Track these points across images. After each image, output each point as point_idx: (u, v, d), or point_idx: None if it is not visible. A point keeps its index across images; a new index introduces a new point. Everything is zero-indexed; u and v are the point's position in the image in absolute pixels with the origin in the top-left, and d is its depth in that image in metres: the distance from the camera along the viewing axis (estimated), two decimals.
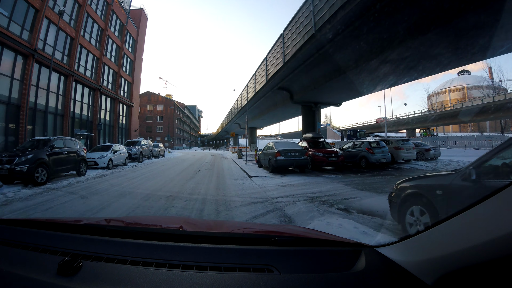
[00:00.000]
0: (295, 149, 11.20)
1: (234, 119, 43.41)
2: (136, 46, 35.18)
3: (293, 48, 13.96)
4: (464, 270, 0.74)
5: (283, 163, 10.82)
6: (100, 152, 14.47)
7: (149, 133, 64.79)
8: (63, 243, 1.10)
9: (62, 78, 20.28)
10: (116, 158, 15.13)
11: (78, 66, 21.96)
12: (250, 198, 6.16)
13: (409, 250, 0.95)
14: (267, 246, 1.10)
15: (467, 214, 0.74)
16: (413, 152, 15.54)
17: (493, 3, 8.24)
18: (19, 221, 1.41)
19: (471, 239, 0.70)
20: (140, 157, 19.13)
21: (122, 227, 1.35)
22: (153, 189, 7.37)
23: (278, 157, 10.70)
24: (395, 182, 3.82)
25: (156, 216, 4.23)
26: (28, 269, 0.91)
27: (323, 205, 5.29)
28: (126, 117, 33.20)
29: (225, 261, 0.99)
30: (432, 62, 13.43)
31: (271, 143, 12.40)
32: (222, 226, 1.85)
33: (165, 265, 0.94)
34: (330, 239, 1.27)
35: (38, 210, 5.23)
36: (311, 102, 20.62)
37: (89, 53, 23.91)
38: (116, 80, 29.94)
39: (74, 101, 21.95)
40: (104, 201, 5.89)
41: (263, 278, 0.88)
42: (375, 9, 9.34)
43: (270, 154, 11.44)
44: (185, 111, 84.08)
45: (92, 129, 24.80)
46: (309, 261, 1.01)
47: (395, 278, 0.91)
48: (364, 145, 13.75)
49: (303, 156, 11.06)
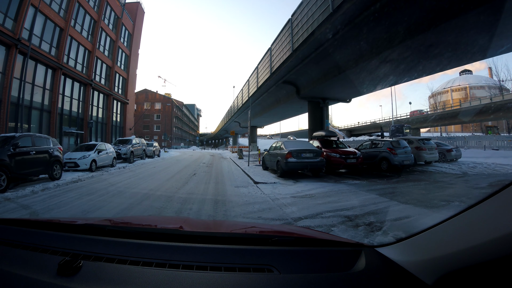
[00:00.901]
0: (309, 149, 9.43)
1: (234, 117, 41.50)
2: (132, 41, 33.65)
3: (304, 33, 12.14)
4: (464, 270, 0.73)
5: (295, 166, 9.06)
6: (83, 152, 12.70)
7: (146, 132, 63.58)
8: (63, 243, 1.10)
9: (50, 71, 18.80)
10: (101, 159, 13.35)
11: (67, 59, 20.57)
12: (262, 219, 4.39)
13: (409, 250, 0.94)
14: (267, 246, 1.09)
15: (467, 214, 0.74)
16: (436, 153, 13.92)
17: (493, 2, 7.94)
18: (19, 221, 1.41)
19: (471, 239, 0.70)
20: (131, 158, 17.27)
21: (122, 227, 1.33)
22: (130, 203, 5.55)
23: (289, 158, 8.92)
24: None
25: (156, 216, 4.01)
26: (28, 269, 0.91)
27: (373, 233, 3.55)
28: (120, 115, 31.77)
29: (225, 261, 0.98)
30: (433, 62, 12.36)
31: (279, 142, 10.64)
32: (222, 226, 1.85)
33: (165, 265, 0.93)
34: (330, 239, 1.28)
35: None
36: (318, 98, 18.81)
37: (80, 46, 22.44)
38: (110, 76, 28.47)
39: (63, 97, 20.50)
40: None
41: (263, 278, 0.88)
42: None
43: (279, 155, 9.67)
44: (184, 110, 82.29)
45: (83, 127, 23.27)
46: (309, 261, 1.00)
47: (395, 278, 0.90)
48: (385, 144, 12.03)
49: (319, 158, 9.30)
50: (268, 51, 18.11)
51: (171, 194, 6.61)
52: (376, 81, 14.82)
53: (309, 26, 11.64)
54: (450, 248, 0.76)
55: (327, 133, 12.47)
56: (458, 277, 0.75)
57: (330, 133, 12.60)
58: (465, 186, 7.75)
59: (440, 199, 5.93)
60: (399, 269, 0.91)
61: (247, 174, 10.48)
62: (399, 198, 5.85)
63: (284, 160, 9.03)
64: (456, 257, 0.73)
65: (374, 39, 10.99)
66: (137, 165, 15.73)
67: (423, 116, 46.41)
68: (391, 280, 0.91)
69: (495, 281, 0.70)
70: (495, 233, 0.63)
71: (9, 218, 1.67)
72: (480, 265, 0.69)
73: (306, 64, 14.18)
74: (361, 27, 10.23)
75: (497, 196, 0.67)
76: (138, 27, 35.45)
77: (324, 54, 12.70)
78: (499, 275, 0.68)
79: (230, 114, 44.26)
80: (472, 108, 36.03)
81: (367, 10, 9.42)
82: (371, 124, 57.80)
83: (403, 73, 14.27)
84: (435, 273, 0.80)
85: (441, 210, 4.91)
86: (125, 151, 16.83)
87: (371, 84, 15.63)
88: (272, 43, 17.32)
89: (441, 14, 8.92)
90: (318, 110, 19.21)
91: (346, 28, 10.45)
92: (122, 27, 30.45)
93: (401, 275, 0.89)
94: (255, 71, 22.39)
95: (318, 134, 12.68)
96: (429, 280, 0.81)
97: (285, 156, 9.00)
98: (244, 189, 7.30)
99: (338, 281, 0.87)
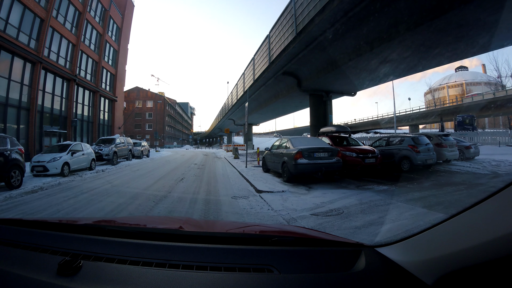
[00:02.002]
0: (323, 147, 7.69)
1: (228, 115, 39.57)
2: (121, 35, 31.83)
3: (310, 12, 10.36)
4: (464, 270, 0.73)
5: (307, 169, 7.32)
6: (53, 154, 10.84)
7: (138, 131, 61.64)
8: (63, 243, 1.09)
9: (28, 65, 17.15)
10: (76, 161, 11.50)
11: (48, 52, 18.93)
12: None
13: (409, 250, 0.93)
14: (267, 246, 1.09)
15: (467, 214, 0.73)
16: (456, 150, 12.33)
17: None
18: (19, 221, 1.38)
19: (471, 239, 0.69)
20: (114, 159, 15.33)
21: (122, 227, 1.31)
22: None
23: (299, 159, 7.17)
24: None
25: (156, 216, 3.85)
26: (28, 269, 0.90)
27: None
28: (108, 113, 29.98)
29: (225, 261, 0.97)
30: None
31: (284, 139, 8.90)
32: (222, 226, 1.82)
33: (165, 265, 0.92)
34: (330, 239, 1.26)
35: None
36: (322, 91, 17.08)
37: (62, 38, 20.76)
38: (97, 71, 26.64)
39: (43, 93, 18.81)
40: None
41: (263, 278, 0.88)
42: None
43: (285, 155, 7.93)
44: (177, 108, 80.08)
45: (66, 126, 21.48)
46: (309, 261, 0.99)
47: (395, 278, 0.90)
48: (406, 141, 10.42)
49: (335, 158, 7.57)
50: (266, 39, 16.32)
51: (149, 207, 4.92)
52: (393, 66, 13.17)
53: (318, 2, 9.86)
54: (450, 248, 0.75)
55: (337, 128, 10.71)
56: (458, 277, 0.75)
57: (342, 128, 10.85)
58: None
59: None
60: (399, 269, 0.90)
61: (246, 178, 8.73)
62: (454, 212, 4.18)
63: (292, 161, 7.29)
64: (456, 257, 0.73)
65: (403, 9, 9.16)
66: (120, 167, 13.83)
67: (429, 112, 45.10)
68: (391, 280, 0.90)
69: (495, 281, 0.69)
70: (495, 233, 0.62)
71: (9, 218, 1.59)
72: (480, 265, 0.68)
73: (311, 51, 12.41)
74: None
75: (497, 196, 0.65)
76: (127, 20, 33.55)
77: (334, 37, 10.96)
78: (499, 275, 0.68)
79: (224, 111, 42.38)
80: (478, 104, 34.93)
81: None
82: (369, 121, 56.62)
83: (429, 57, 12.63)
84: (435, 273, 0.79)
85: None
86: (107, 152, 14.88)
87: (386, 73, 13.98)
88: (271, 30, 15.56)
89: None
90: (321, 104, 17.51)
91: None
92: (109, 20, 28.66)
93: (401, 275, 0.88)
94: (251, 63, 20.60)
95: (327, 129, 10.92)
96: (429, 280, 0.80)
97: (293, 157, 7.25)
98: (244, 201, 5.55)
99: (338, 281, 0.86)
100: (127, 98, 59.67)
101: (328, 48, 11.91)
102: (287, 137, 8.74)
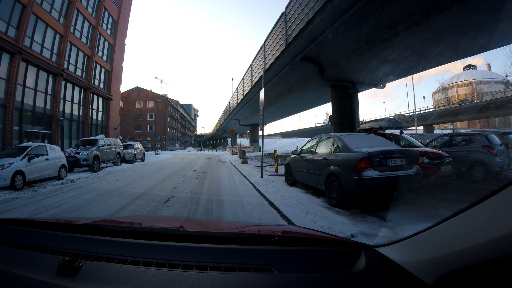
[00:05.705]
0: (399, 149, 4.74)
1: (233, 114, 36.52)
2: (117, 29, 29.33)
3: None
4: (464, 270, 0.72)
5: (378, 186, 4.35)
6: (3, 160, 8.05)
7: (138, 133, 59.30)
8: (63, 243, 1.07)
9: (6, 56, 14.87)
10: (35, 169, 8.67)
11: (30, 43, 16.62)
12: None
13: (409, 250, 0.91)
14: (267, 246, 1.07)
15: (467, 214, 0.71)
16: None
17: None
18: (19, 221, 1.36)
19: (471, 239, 0.68)
20: (94, 164, 12.43)
21: (122, 227, 1.28)
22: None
23: (366, 171, 4.20)
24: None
25: (156, 216, 3.85)
26: (28, 269, 0.88)
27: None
28: (103, 112, 27.41)
29: (225, 261, 0.95)
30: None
31: (324, 138, 5.92)
32: (222, 226, 1.78)
33: (165, 265, 0.91)
34: (330, 239, 1.24)
35: None
36: (347, 81, 14.06)
37: (48, 28, 18.33)
38: (89, 66, 24.09)
39: (23, 88, 16.45)
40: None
41: (263, 278, 0.86)
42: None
43: (333, 162, 4.96)
44: (179, 109, 77.45)
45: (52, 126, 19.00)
46: (309, 261, 0.98)
47: (395, 278, 0.89)
48: (478, 141, 7.57)
49: (414, 167, 4.61)
50: (281, 16, 13.31)
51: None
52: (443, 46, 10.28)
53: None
54: (450, 248, 0.74)
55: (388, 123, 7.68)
56: (458, 277, 0.74)
57: (396, 123, 7.81)
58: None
59: None
60: (399, 269, 0.89)
61: (268, 200, 5.60)
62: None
63: (353, 174, 4.30)
64: (456, 257, 0.72)
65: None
66: (98, 176, 10.78)
67: (450, 110, 42.37)
68: (391, 280, 0.89)
69: (495, 281, 0.69)
70: (495, 233, 0.62)
71: (9, 218, 1.51)
72: (480, 265, 0.67)
73: (343, 23, 9.37)
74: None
75: (497, 196, 0.64)
76: (125, 14, 30.99)
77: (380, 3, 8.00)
78: (499, 275, 0.67)
79: (229, 111, 39.45)
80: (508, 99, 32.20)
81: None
82: (372, 120, 54.50)
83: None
84: (435, 273, 0.78)
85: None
86: (85, 156, 11.96)
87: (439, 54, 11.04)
88: (287, 6, 12.65)
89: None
90: (347, 97, 14.48)
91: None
92: (104, 12, 26.15)
93: (401, 275, 0.87)
94: (261, 51, 17.64)
95: (373, 125, 7.92)
96: (429, 280, 0.79)
97: (355, 166, 4.25)
98: None
99: (338, 281, 0.85)
100: (127, 99, 57.34)
101: (364, 21, 8.89)
102: (331, 135, 5.62)
